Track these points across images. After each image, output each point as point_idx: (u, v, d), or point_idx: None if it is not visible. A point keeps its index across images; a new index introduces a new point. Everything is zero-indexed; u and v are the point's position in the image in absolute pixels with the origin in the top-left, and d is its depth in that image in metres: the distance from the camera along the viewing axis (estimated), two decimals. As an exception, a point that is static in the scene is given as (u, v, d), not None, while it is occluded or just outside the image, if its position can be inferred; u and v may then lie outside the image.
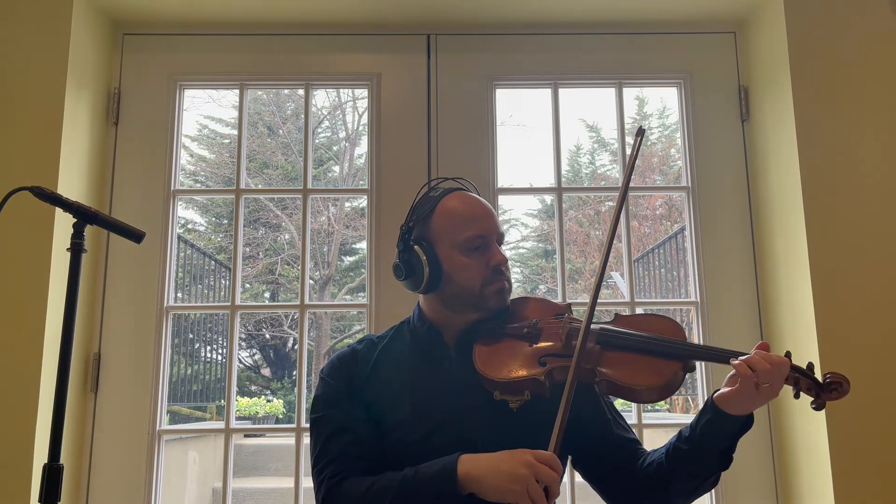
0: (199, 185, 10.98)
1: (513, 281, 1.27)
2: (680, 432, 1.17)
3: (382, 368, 1.27)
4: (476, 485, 1.07)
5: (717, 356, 1.12)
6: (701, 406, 1.16)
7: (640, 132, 1.30)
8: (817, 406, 1.09)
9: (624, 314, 1.24)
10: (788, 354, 1.09)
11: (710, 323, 2.10)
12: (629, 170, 1.28)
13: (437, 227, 1.25)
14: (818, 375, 1.10)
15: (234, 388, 2.13)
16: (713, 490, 2.02)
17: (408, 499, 1.10)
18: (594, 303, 1.16)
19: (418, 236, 1.26)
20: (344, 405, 1.23)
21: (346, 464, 1.18)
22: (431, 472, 1.10)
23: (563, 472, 1.09)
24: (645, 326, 1.19)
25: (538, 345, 1.19)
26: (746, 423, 1.12)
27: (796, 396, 1.11)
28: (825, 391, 1.08)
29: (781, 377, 1.06)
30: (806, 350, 1.88)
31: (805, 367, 1.10)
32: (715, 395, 1.12)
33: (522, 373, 1.14)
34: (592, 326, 1.16)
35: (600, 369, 1.13)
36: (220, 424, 2.11)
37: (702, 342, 2.09)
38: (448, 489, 1.08)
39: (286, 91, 10.44)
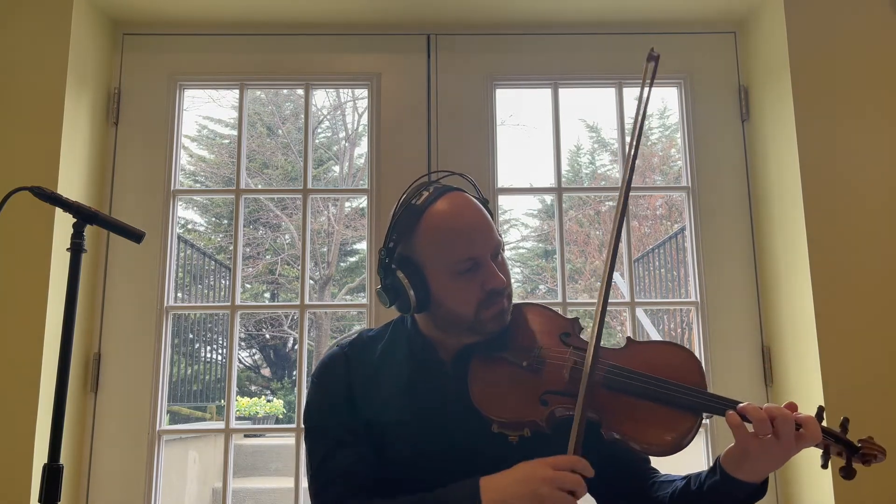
0: (199, 185, 10.99)
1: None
2: (689, 479, 1.10)
3: (383, 374, 1.18)
4: None
5: (722, 409, 1.01)
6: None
7: (654, 58, 1.12)
8: (846, 474, 0.99)
9: (636, 340, 1.14)
10: (821, 411, 1.00)
11: (710, 323, 2.10)
12: (640, 125, 1.12)
13: (422, 249, 1.11)
14: (834, 422, 1.03)
15: (234, 388, 2.13)
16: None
17: None
18: (596, 352, 1.03)
19: (401, 258, 1.12)
20: (341, 415, 1.14)
21: (346, 486, 1.09)
22: (453, 496, 1.01)
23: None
24: (659, 360, 1.09)
25: (540, 380, 1.09)
26: (756, 492, 1.02)
27: (824, 466, 1.01)
28: (857, 456, 0.99)
29: (786, 426, 0.96)
30: (805, 350, 1.88)
31: (839, 428, 1.01)
32: (722, 455, 1.04)
33: (522, 413, 1.06)
34: (599, 366, 1.06)
35: (609, 423, 1.04)
36: (220, 424, 2.11)
37: (701, 342, 2.09)
38: None
39: (286, 91, 10.44)
